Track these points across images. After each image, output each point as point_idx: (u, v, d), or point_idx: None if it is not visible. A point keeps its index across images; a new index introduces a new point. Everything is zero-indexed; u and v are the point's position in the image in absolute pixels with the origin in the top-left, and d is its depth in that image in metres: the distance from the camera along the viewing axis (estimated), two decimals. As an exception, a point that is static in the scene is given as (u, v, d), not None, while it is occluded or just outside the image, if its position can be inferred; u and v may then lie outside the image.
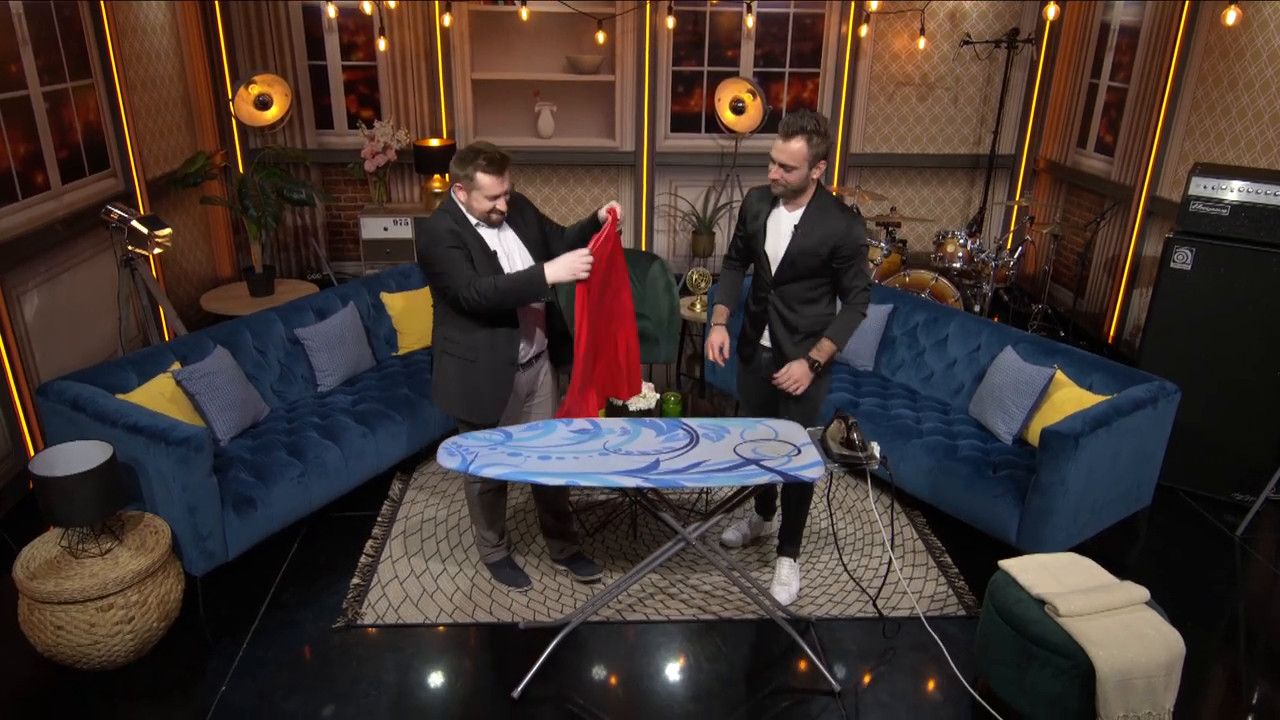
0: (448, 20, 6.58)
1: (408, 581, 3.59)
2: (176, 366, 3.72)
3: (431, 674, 3.13)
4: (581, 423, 3.08)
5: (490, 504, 3.46)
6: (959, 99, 7.14)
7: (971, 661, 3.13)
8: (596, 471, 2.75)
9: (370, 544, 3.83)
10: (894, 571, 3.70)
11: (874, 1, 6.59)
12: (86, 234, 4.70)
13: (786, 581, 3.55)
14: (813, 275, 3.22)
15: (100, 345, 4.79)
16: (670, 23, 6.67)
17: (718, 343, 3.39)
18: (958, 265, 5.93)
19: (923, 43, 6.86)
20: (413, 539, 3.87)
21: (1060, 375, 3.91)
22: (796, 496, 3.48)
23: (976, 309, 5.85)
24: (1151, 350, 4.34)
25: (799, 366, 3.20)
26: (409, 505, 4.12)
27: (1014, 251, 6.06)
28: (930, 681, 3.17)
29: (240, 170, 6.58)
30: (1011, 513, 3.56)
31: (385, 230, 6.64)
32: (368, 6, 6.49)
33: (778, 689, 3.10)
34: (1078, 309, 6.33)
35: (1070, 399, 3.79)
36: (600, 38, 6.66)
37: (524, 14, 6.54)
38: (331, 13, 6.61)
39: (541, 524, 3.68)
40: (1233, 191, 4.06)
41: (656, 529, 3.98)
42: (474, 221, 3.10)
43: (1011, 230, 6.81)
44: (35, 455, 3.03)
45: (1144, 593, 2.85)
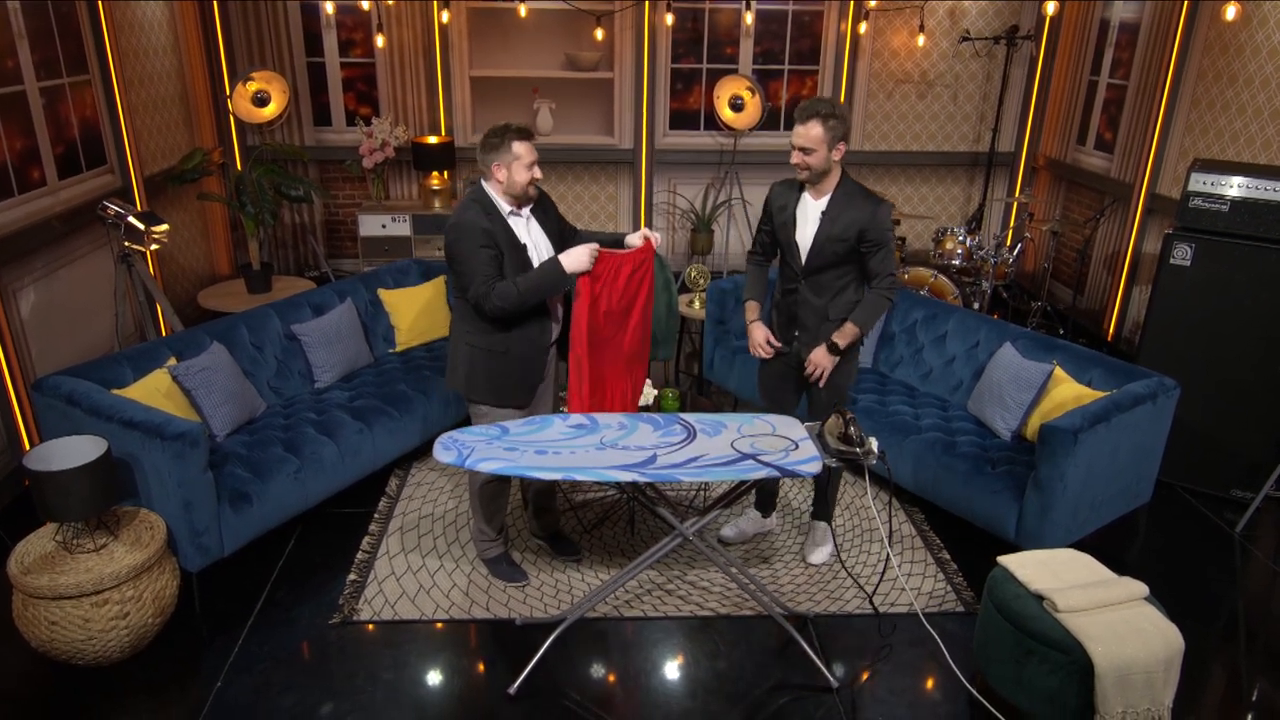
0: (446, 17, 6.57)
1: (404, 578, 3.58)
2: (173, 362, 3.71)
3: (428, 670, 3.12)
4: (578, 417, 3.08)
5: (492, 495, 3.45)
6: (958, 96, 7.13)
7: (970, 658, 3.12)
8: (593, 466, 2.74)
9: (367, 540, 3.82)
10: (892, 568, 3.69)
11: (873, -2, 6.59)
12: (83, 230, 4.69)
13: (821, 542, 3.72)
14: (841, 262, 3.26)
15: (97, 341, 4.78)
16: (669, 20, 6.66)
17: (761, 338, 3.42)
18: (957, 262, 5.92)
19: (922, 40, 6.85)
20: (410, 535, 3.85)
21: (1059, 371, 3.90)
22: (826, 476, 3.56)
23: (975, 306, 5.84)
24: (1151, 346, 4.33)
25: (820, 352, 3.28)
26: (406, 501, 4.11)
27: (1013, 249, 6.04)
28: (928, 678, 3.16)
29: (238, 167, 6.57)
30: (1010, 509, 3.55)
31: (383, 227, 6.63)
32: (366, 3, 6.48)
33: (775, 685, 3.09)
34: (1077, 306, 6.32)
35: (1069, 395, 3.77)
36: (599, 35, 6.65)
37: (523, 11, 6.53)
38: (330, 9, 6.60)
39: (524, 498, 3.69)
40: (1232, 187, 4.05)
41: (654, 525, 3.97)
42: (505, 211, 3.12)
43: (1011, 227, 6.81)
44: (30, 450, 3.02)
45: (1143, 588, 2.84)
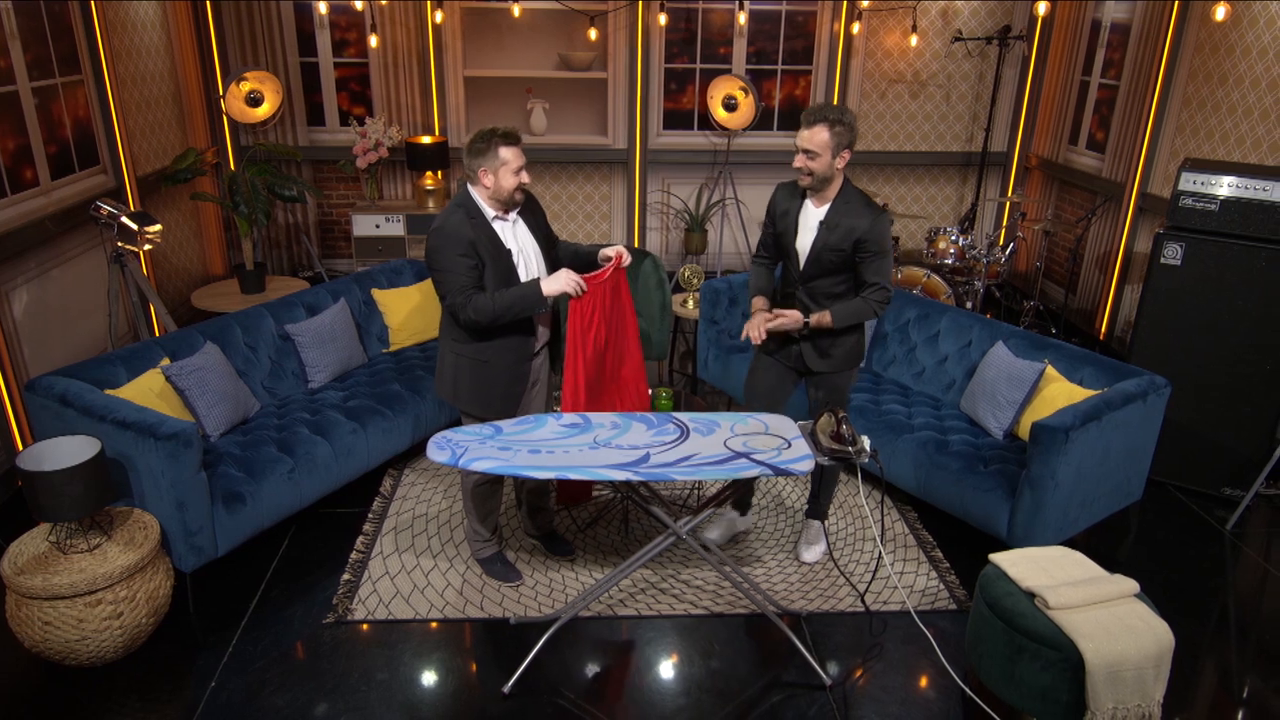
0: (440, 17, 6.57)
1: (399, 577, 3.58)
2: (166, 362, 3.71)
3: (423, 669, 3.13)
4: (572, 417, 3.08)
5: (484, 496, 3.46)
6: (951, 96, 7.15)
7: (962, 655, 3.14)
8: (587, 465, 2.75)
9: (361, 540, 3.82)
10: (885, 566, 3.71)
11: (866, -1, 6.61)
12: (76, 230, 4.68)
13: (815, 541, 3.76)
14: (839, 271, 3.25)
15: (90, 342, 4.77)
16: (662, 20, 6.67)
17: (760, 322, 3.24)
18: (950, 262, 5.94)
19: (915, 40, 6.87)
20: (404, 535, 3.86)
21: (1051, 370, 3.92)
22: (820, 474, 3.65)
23: (968, 305, 5.86)
24: (1142, 345, 4.35)
25: (793, 313, 3.23)
26: (400, 501, 4.11)
27: (1006, 248, 6.07)
28: (921, 675, 3.17)
29: (231, 167, 6.56)
30: (1002, 507, 3.57)
31: (377, 227, 6.62)
32: (359, 3, 6.47)
33: (769, 683, 3.10)
34: (1069, 305, 6.35)
35: (1061, 394, 3.79)
36: (592, 34, 6.66)
37: (516, 11, 6.53)
38: (323, 9, 6.59)
39: (517, 497, 3.70)
40: (1222, 187, 4.07)
41: (648, 524, 3.98)
42: (490, 215, 3.12)
43: (1003, 227, 6.83)
44: (23, 450, 3.01)
45: (1133, 585, 2.85)
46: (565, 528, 3.92)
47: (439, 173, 6.77)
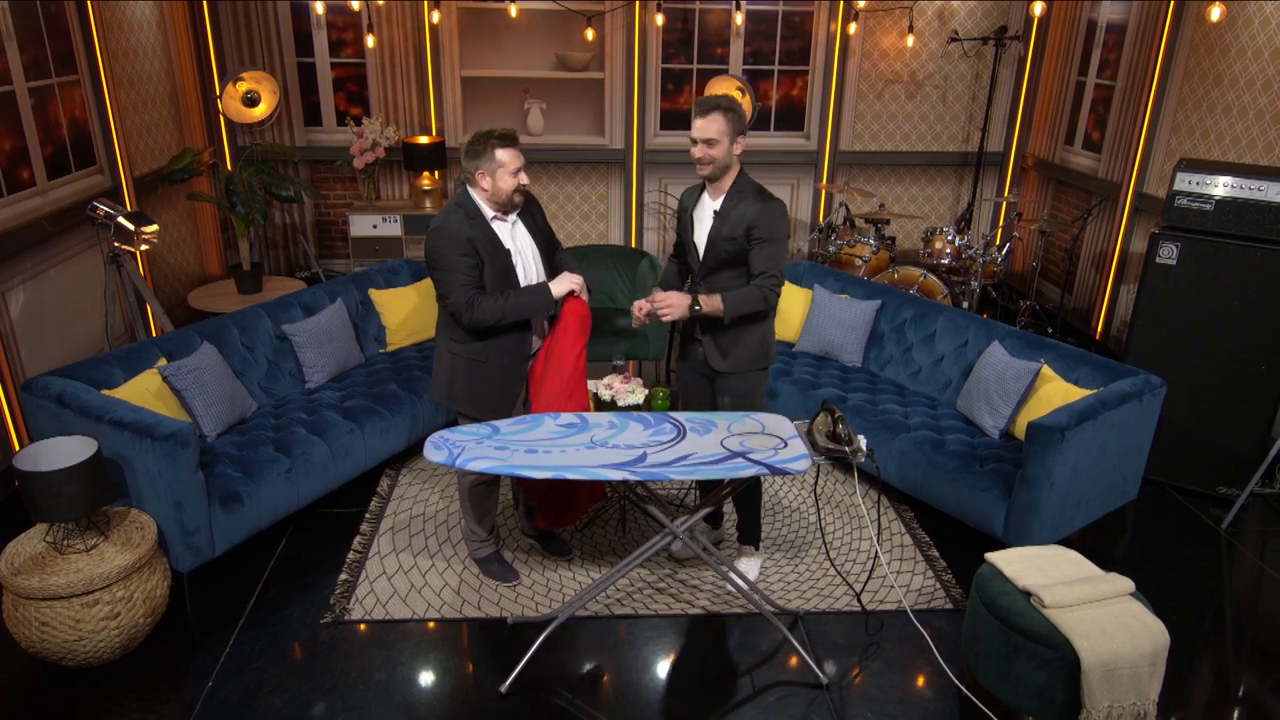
0: (437, 17, 6.57)
1: (396, 577, 3.59)
2: (163, 362, 3.71)
3: (419, 669, 3.13)
4: (569, 416, 3.09)
5: (481, 496, 3.46)
6: (947, 96, 7.16)
7: (958, 654, 3.15)
8: (584, 465, 2.75)
9: (358, 540, 3.82)
10: (881, 565, 3.71)
11: (862, -1, 6.62)
12: (73, 230, 4.67)
13: (745, 570, 3.59)
14: (735, 263, 3.22)
15: (87, 342, 4.76)
16: (659, 20, 6.67)
17: (643, 301, 3.23)
18: (946, 262, 5.95)
19: (911, 40, 6.88)
20: (401, 535, 3.86)
21: (1047, 370, 3.93)
22: (745, 491, 3.53)
23: (965, 305, 5.87)
24: (1137, 345, 4.36)
25: (678, 296, 3.14)
26: (397, 501, 4.11)
27: (1002, 248, 6.08)
28: (917, 674, 3.18)
29: (228, 167, 6.55)
30: (998, 506, 3.58)
31: (374, 227, 6.62)
32: (356, 4, 6.47)
33: (765, 683, 3.11)
34: (1065, 305, 6.36)
35: (1057, 393, 3.80)
36: (589, 35, 6.66)
37: (513, 11, 6.53)
38: (320, 10, 6.59)
39: (514, 497, 3.71)
40: (1218, 187, 4.08)
41: (645, 524, 3.98)
42: (489, 216, 3.12)
43: (1000, 227, 6.84)
44: (20, 451, 3.01)
45: (1129, 584, 2.86)
46: (563, 528, 3.92)
47: (436, 173, 6.77)
